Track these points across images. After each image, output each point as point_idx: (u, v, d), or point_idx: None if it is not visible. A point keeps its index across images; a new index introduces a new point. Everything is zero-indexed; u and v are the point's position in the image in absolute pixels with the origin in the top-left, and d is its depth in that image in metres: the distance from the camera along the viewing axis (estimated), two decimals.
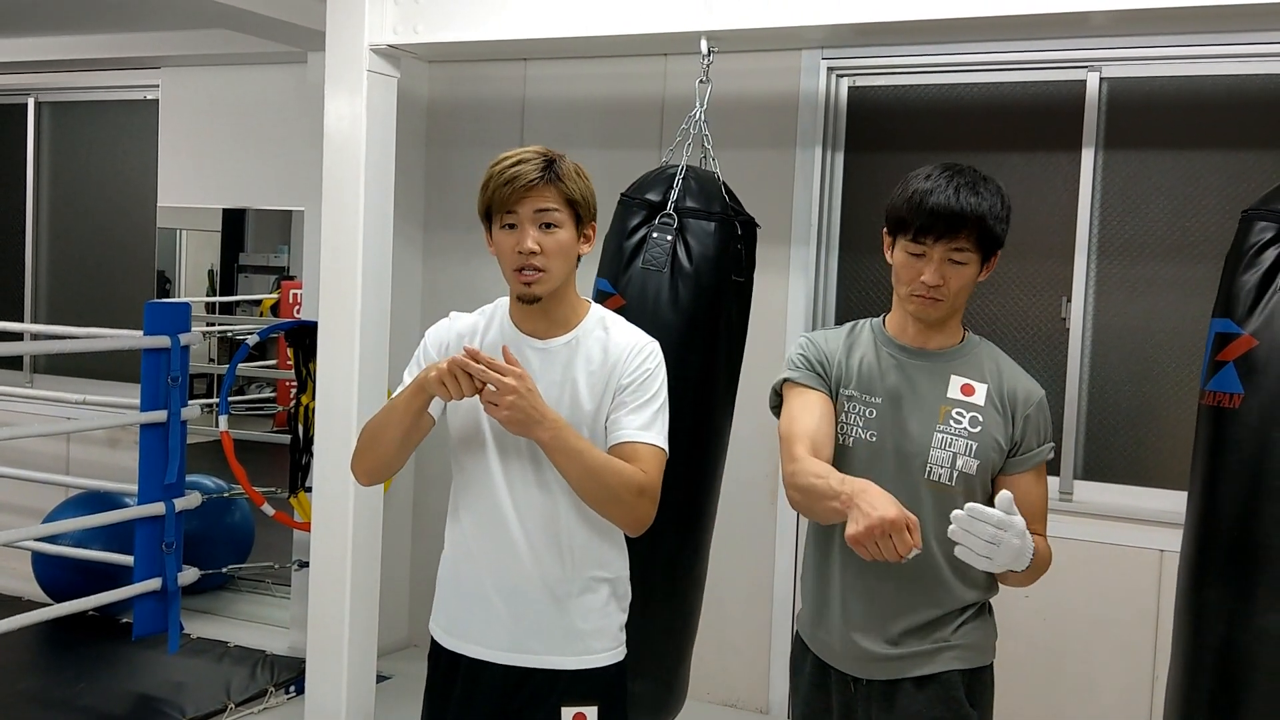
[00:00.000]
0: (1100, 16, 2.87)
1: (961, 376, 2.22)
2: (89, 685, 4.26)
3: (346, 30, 3.59)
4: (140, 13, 4.69)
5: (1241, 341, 2.33)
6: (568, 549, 2.17)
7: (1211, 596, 2.37)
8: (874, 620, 2.22)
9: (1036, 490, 2.23)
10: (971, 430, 2.18)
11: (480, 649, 2.19)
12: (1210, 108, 3.66)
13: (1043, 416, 2.24)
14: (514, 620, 2.17)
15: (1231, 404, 2.33)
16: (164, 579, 4.18)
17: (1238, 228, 2.46)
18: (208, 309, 5.68)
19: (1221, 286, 2.44)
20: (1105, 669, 3.72)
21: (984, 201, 2.13)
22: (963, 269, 2.15)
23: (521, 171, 2.10)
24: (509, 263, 2.12)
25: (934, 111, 4.03)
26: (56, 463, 5.60)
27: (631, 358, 2.17)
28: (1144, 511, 3.68)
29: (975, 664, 2.23)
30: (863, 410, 2.24)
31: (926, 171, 2.18)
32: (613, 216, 3.05)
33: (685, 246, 2.92)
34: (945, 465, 2.18)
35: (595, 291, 3.01)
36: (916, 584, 2.19)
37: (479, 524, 2.18)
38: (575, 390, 2.15)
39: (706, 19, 3.16)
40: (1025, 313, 3.90)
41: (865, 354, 2.28)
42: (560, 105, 4.50)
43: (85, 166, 5.93)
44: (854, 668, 2.25)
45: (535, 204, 2.10)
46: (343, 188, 3.61)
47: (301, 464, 4.47)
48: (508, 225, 2.11)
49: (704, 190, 2.99)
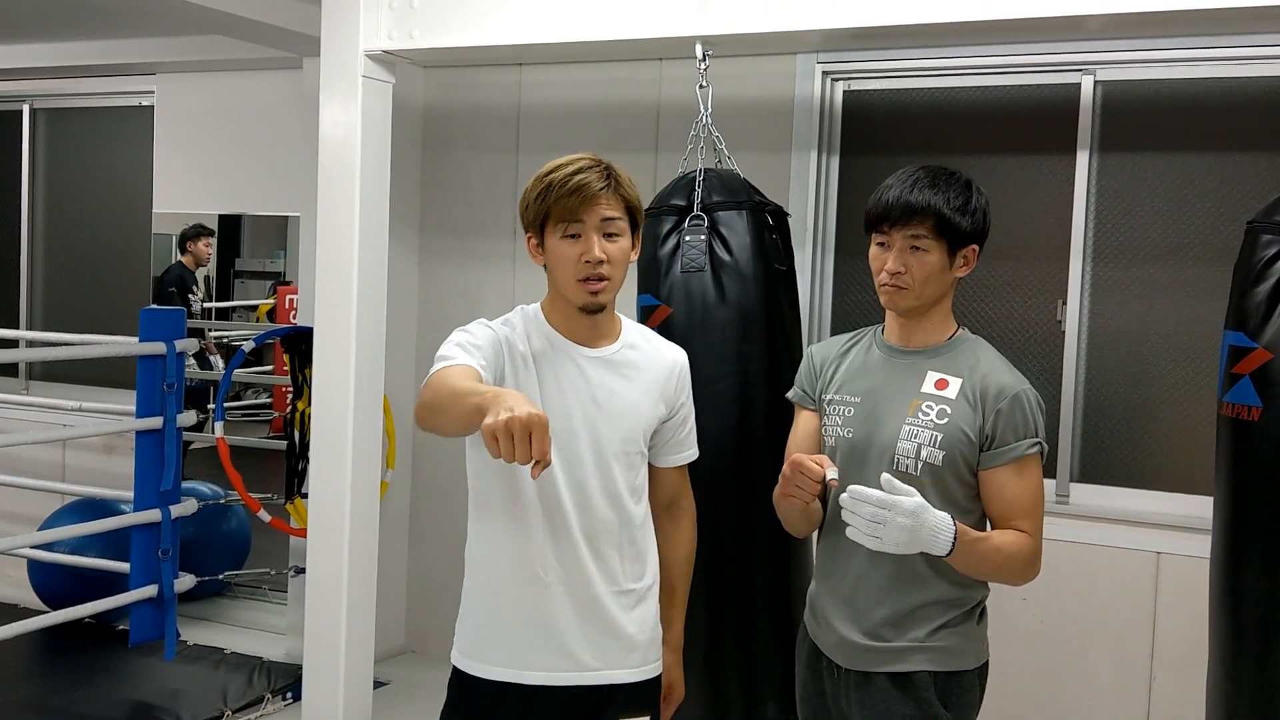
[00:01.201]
0: (1094, 20, 2.88)
1: (938, 372, 2.25)
2: (86, 693, 4.25)
3: (341, 36, 3.59)
4: (135, 19, 4.69)
5: (1256, 355, 2.40)
6: (629, 558, 2.19)
7: (1246, 605, 2.44)
8: (853, 609, 2.26)
9: (1015, 486, 2.19)
10: (938, 422, 2.20)
11: (538, 674, 2.14)
12: (1205, 110, 3.67)
13: (1020, 411, 2.20)
14: (581, 638, 2.15)
15: (1251, 417, 2.41)
16: (160, 586, 4.17)
17: (1243, 240, 2.51)
18: (204, 315, 5.68)
19: (1232, 299, 2.50)
20: (1102, 671, 3.72)
21: (940, 194, 2.21)
22: (924, 256, 2.21)
23: (589, 180, 2.08)
24: (574, 272, 2.09)
25: (929, 115, 4.04)
26: (52, 470, 5.59)
27: (684, 375, 2.29)
28: (1140, 514, 3.69)
29: (950, 667, 2.23)
30: (842, 410, 2.31)
31: (897, 173, 2.28)
32: (640, 231, 3.04)
33: (721, 240, 2.92)
34: (910, 456, 2.20)
35: (639, 309, 2.99)
36: (891, 574, 2.23)
37: (540, 542, 2.12)
38: (638, 399, 2.18)
39: (702, 24, 3.16)
40: (1020, 316, 3.91)
41: (856, 357, 2.36)
42: (556, 110, 4.50)
43: (81, 173, 5.93)
44: (836, 655, 2.30)
45: (602, 212, 2.09)
46: (338, 193, 3.61)
47: (298, 470, 4.47)
48: (572, 235, 2.08)
49: (726, 185, 3.01)
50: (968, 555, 2.11)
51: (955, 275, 2.26)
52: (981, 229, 2.26)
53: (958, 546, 2.07)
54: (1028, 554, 2.19)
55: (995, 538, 2.17)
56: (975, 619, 2.28)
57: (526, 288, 4.21)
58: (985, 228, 2.27)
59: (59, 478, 5.51)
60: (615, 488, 2.15)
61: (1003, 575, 2.22)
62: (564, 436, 2.08)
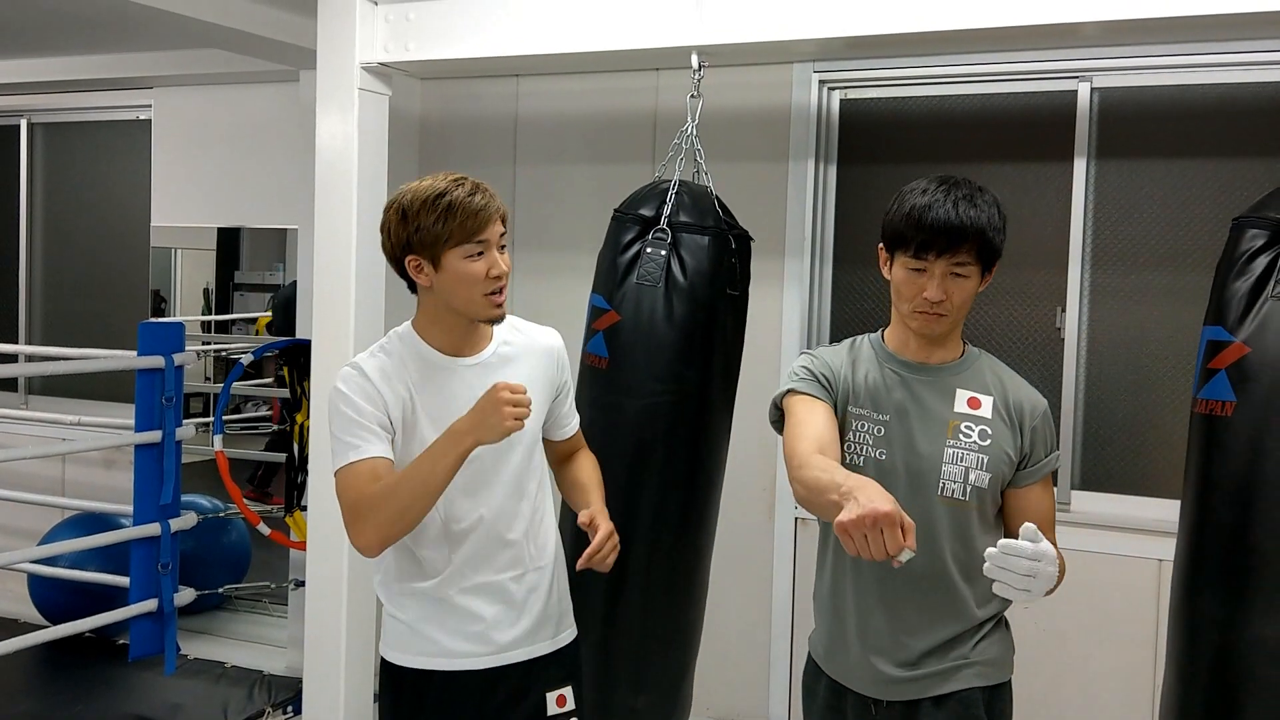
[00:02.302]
0: (1091, 27, 2.88)
1: (966, 390, 2.21)
2: (86, 707, 4.24)
3: (337, 48, 3.59)
4: (132, 33, 4.69)
5: (1233, 349, 2.33)
6: (533, 540, 2.30)
7: (1206, 605, 2.37)
8: (893, 642, 2.20)
9: (1047, 501, 2.23)
10: (982, 444, 2.17)
11: (462, 660, 2.24)
12: (1201, 116, 3.67)
13: (1048, 426, 2.24)
14: (507, 622, 2.25)
15: (1224, 412, 2.33)
16: (160, 600, 4.16)
17: (1229, 235, 2.46)
18: (203, 328, 5.68)
19: (1213, 294, 2.44)
20: (1105, 679, 3.71)
21: (982, 214, 2.11)
22: (964, 282, 2.14)
23: (486, 201, 2.14)
24: (481, 288, 2.15)
25: (926, 123, 4.04)
26: (52, 484, 5.59)
27: (562, 355, 2.38)
28: (1142, 521, 3.68)
29: (995, 680, 2.21)
30: (871, 428, 2.21)
31: (922, 186, 2.16)
32: (606, 232, 3.05)
33: (679, 261, 2.93)
34: (958, 480, 2.16)
35: (590, 308, 3.01)
36: (933, 603, 2.18)
37: (471, 531, 2.22)
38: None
39: (698, 33, 3.16)
40: (1020, 323, 3.90)
41: (869, 370, 2.26)
42: (553, 120, 4.50)
43: (79, 187, 5.92)
44: (873, 690, 2.23)
45: (498, 229, 2.17)
46: (335, 206, 3.61)
47: (297, 483, 4.47)
48: (477, 254, 2.13)
49: (697, 205, 3.00)
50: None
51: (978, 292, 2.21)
52: (1004, 244, 2.20)
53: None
54: (1063, 566, 2.16)
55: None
56: (1005, 626, 2.29)
57: (523, 297, 4.21)
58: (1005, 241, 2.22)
59: (58, 492, 5.51)
60: (517, 479, 2.26)
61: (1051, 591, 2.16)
62: None
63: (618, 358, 2.92)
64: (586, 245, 4.50)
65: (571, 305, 4.42)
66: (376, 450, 2.13)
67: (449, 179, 2.15)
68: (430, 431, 2.16)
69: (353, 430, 2.13)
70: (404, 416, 2.18)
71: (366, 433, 2.13)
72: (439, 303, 2.20)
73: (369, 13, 3.56)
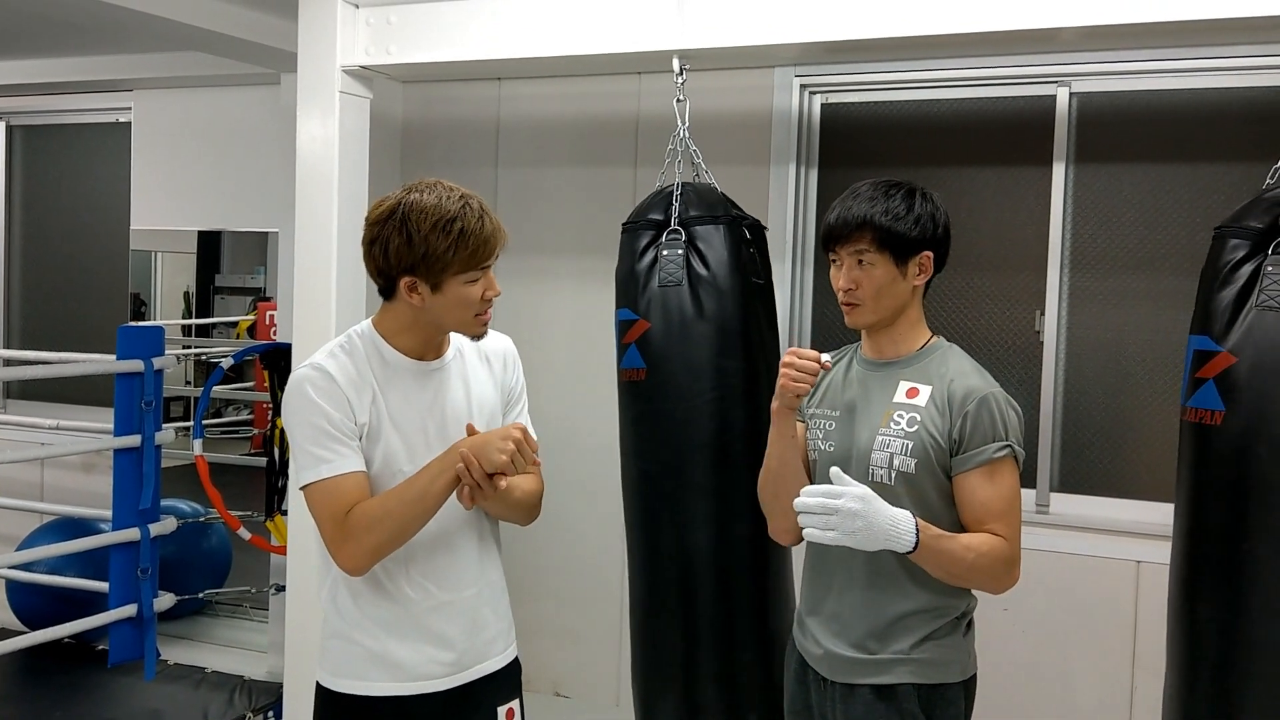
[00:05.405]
0: (1069, 32, 2.90)
1: (910, 381, 2.26)
2: (65, 713, 4.22)
3: (318, 52, 3.58)
4: (112, 36, 4.68)
5: (1220, 359, 2.37)
6: (483, 551, 2.27)
7: (1204, 611, 2.42)
8: (838, 622, 2.28)
9: (986, 490, 2.19)
10: (908, 430, 2.21)
11: (417, 684, 2.18)
12: (1179, 121, 3.70)
13: (987, 413, 2.19)
14: (466, 640, 2.22)
15: (1214, 421, 2.37)
16: (140, 605, 4.15)
17: (1211, 244, 2.49)
18: (184, 331, 5.65)
19: (1198, 303, 2.47)
20: (1083, 680, 3.73)
21: (878, 205, 2.23)
22: (873, 270, 2.24)
23: (495, 229, 2.13)
24: (474, 309, 2.15)
25: (906, 128, 4.05)
26: (30, 489, 5.55)
27: (513, 358, 2.36)
28: (1120, 523, 3.70)
29: (934, 680, 2.23)
30: (823, 424, 2.34)
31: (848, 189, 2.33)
32: (619, 247, 3.05)
33: (699, 255, 2.93)
34: (884, 466, 2.22)
35: (617, 323, 3.00)
36: (873, 585, 2.24)
37: (421, 553, 2.17)
38: (479, 394, 2.26)
39: (679, 37, 3.17)
40: (999, 326, 3.92)
41: (837, 373, 2.38)
42: (535, 124, 4.51)
43: (58, 190, 5.89)
44: (822, 667, 2.31)
45: (498, 254, 2.18)
46: (315, 209, 3.60)
47: (278, 487, 4.45)
48: (476, 279, 2.13)
49: (704, 199, 3.02)
50: (936, 552, 2.10)
51: (913, 284, 2.27)
52: (931, 235, 2.26)
53: (922, 541, 2.08)
54: (1001, 556, 2.16)
55: (964, 537, 2.16)
56: (961, 631, 2.28)
57: (503, 301, 4.20)
58: (936, 233, 2.27)
59: (37, 497, 5.48)
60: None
61: (978, 577, 2.19)
62: (420, 450, 2.14)
63: (655, 365, 2.90)
64: (568, 248, 4.51)
65: (552, 308, 4.43)
66: (351, 465, 2.07)
67: (455, 199, 2.09)
68: (394, 434, 2.13)
69: (322, 442, 2.07)
70: (370, 420, 2.12)
71: (338, 444, 2.07)
72: (420, 317, 2.15)
73: (350, 16, 3.56)
